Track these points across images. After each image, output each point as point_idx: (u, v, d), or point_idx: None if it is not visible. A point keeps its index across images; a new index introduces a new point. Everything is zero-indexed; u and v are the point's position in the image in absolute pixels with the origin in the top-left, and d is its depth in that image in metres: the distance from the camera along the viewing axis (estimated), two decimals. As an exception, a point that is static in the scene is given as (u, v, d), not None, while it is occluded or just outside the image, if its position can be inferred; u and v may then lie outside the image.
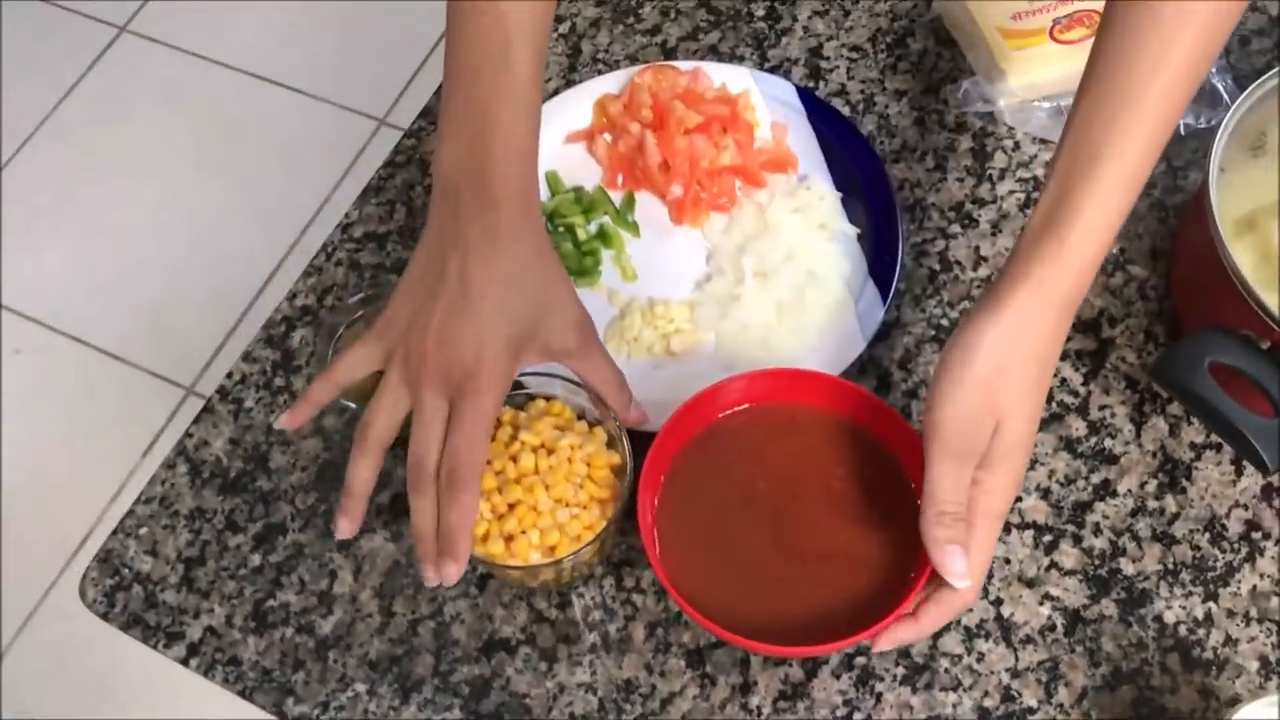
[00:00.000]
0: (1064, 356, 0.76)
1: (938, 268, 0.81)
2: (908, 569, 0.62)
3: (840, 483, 0.66)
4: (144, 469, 1.74)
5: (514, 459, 0.67)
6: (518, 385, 0.70)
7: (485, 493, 0.66)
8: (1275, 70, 0.71)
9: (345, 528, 0.65)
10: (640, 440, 0.69)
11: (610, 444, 0.69)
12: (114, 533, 0.76)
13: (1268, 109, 0.72)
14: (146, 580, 0.74)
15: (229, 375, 0.81)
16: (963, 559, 0.58)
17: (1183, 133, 0.82)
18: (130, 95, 2.13)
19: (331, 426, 0.78)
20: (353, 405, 0.72)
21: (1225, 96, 0.82)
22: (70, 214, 2.00)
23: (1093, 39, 0.61)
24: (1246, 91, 0.70)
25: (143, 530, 0.76)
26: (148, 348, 1.85)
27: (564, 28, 0.94)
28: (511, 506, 0.66)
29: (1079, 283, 0.59)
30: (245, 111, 2.09)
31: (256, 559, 0.74)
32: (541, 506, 0.66)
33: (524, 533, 0.65)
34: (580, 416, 0.71)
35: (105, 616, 0.74)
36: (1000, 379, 0.58)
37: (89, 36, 2.20)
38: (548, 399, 0.71)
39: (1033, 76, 0.83)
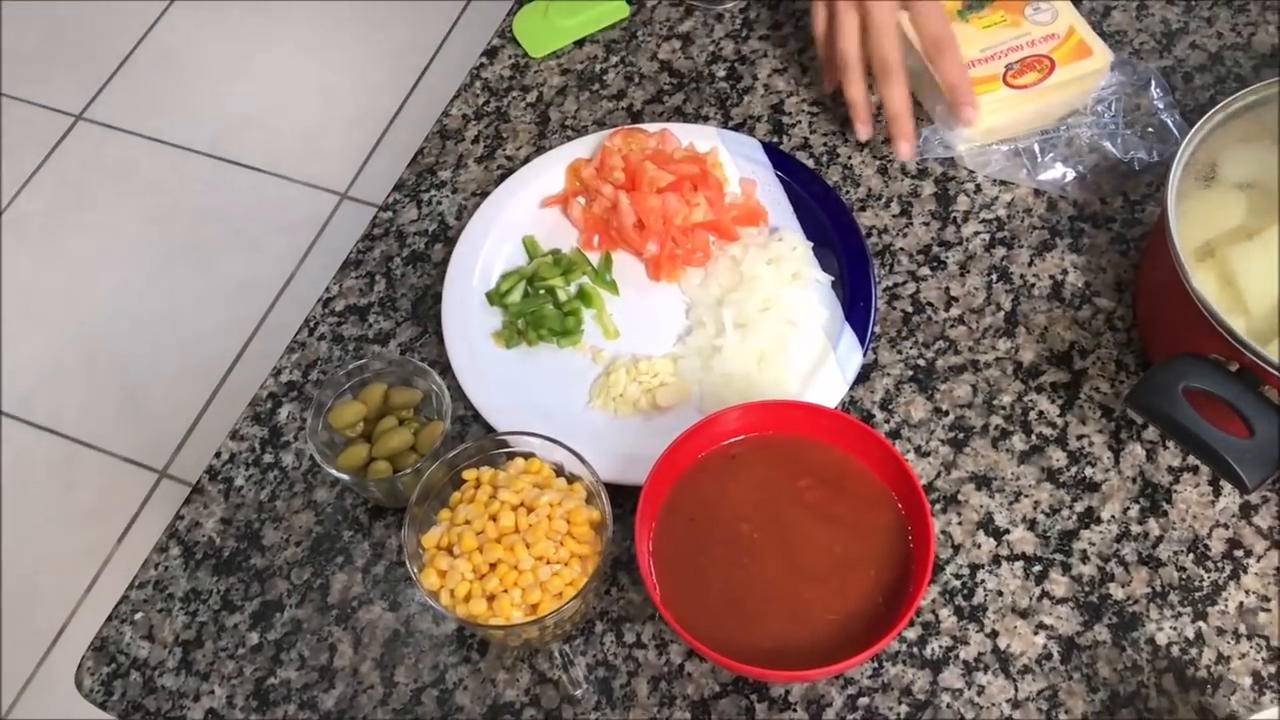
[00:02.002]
0: (1040, 389, 0.78)
1: (910, 310, 0.83)
2: (904, 587, 0.64)
3: (832, 509, 0.68)
4: (121, 555, 1.73)
5: (494, 518, 0.67)
6: (499, 444, 0.71)
7: (466, 552, 0.66)
8: (1219, 105, 0.74)
9: (907, 150, 0.86)
10: (619, 495, 0.70)
11: (589, 500, 0.69)
12: (109, 619, 0.75)
13: (1217, 142, 0.74)
14: (144, 665, 0.73)
15: (217, 455, 0.81)
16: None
17: (1137, 167, 0.85)
18: (90, 182, 2.13)
19: (323, 500, 0.78)
20: (346, 478, 0.72)
21: (1174, 131, 0.85)
22: (35, 303, 1.99)
23: (1045, 83, 0.64)
24: (1196, 126, 0.73)
25: (138, 615, 0.75)
26: (119, 433, 1.84)
27: (531, 97, 0.96)
28: (493, 566, 0.66)
29: None
30: (205, 192, 2.10)
31: (255, 637, 0.74)
32: (523, 565, 0.65)
33: (506, 592, 0.65)
34: (559, 473, 0.71)
35: (103, 705, 0.73)
36: None
37: (45, 125, 2.21)
38: (526, 457, 0.71)
39: (989, 121, 0.86)
